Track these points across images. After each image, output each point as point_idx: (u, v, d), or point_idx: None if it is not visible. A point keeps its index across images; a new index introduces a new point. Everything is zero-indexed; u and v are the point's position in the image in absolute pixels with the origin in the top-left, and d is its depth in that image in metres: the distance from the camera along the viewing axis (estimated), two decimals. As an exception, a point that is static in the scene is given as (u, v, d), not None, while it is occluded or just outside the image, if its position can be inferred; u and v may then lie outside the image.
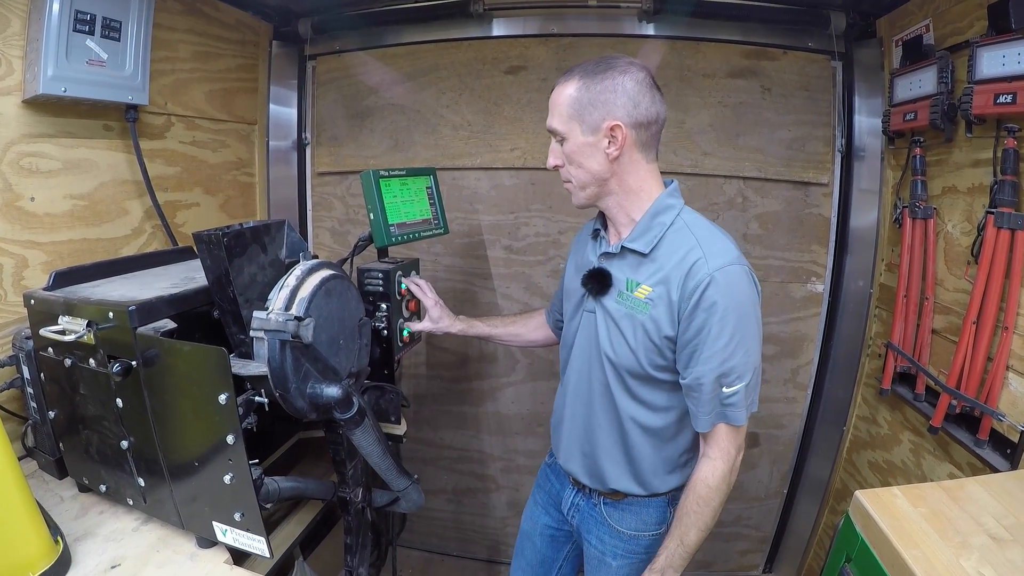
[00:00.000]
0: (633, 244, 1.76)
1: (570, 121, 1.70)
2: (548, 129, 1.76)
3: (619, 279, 1.79)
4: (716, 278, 1.61)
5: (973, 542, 1.44)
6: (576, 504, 2.11)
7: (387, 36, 3.28)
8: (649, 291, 1.71)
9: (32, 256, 2.14)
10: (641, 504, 1.96)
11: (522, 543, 2.36)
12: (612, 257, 1.82)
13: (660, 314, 1.69)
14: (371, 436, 1.88)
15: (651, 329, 1.71)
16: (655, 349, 1.72)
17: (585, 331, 1.91)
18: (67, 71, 2.09)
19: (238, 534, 1.59)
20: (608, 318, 1.80)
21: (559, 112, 1.71)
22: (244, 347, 1.63)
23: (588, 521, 2.07)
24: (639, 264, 1.76)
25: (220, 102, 3.05)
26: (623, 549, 1.99)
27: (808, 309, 3.23)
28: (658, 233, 1.74)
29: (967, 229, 2.34)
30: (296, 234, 1.81)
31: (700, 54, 3.04)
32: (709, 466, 1.77)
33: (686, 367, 1.71)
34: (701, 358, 1.66)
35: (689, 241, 1.70)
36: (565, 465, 2.07)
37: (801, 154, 3.06)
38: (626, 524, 1.98)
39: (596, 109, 1.67)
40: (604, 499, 2.01)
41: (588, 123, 1.68)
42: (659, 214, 1.76)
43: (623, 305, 1.77)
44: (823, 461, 3.36)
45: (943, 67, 2.34)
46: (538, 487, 2.33)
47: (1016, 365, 2.07)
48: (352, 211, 3.48)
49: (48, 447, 1.92)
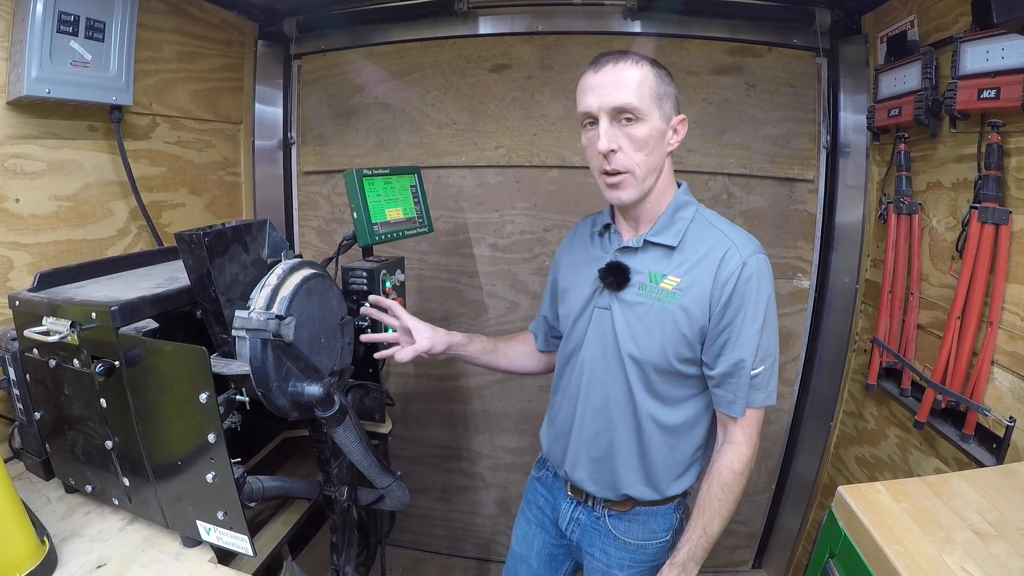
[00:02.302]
0: (658, 238, 1.76)
1: (652, 102, 1.64)
2: (615, 106, 1.62)
3: (640, 272, 1.77)
4: (749, 264, 1.65)
5: (956, 537, 1.43)
6: (576, 519, 2.04)
7: (372, 35, 3.28)
8: (677, 282, 1.71)
9: (17, 257, 2.13)
10: (649, 513, 1.93)
11: (515, 566, 2.26)
12: (632, 252, 1.80)
13: (691, 304, 1.69)
14: (353, 434, 1.88)
15: (681, 320, 1.70)
16: (684, 341, 1.71)
17: (598, 329, 1.85)
18: (51, 72, 2.08)
19: (221, 533, 1.59)
20: (629, 312, 1.77)
21: (640, 91, 1.62)
22: (227, 346, 1.63)
23: (591, 535, 2.01)
24: (664, 257, 1.76)
25: (205, 102, 3.04)
26: (629, 559, 1.96)
27: (794, 305, 3.24)
28: (682, 227, 1.75)
29: (952, 224, 2.35)
30: (278, 233, 1.80)
31: (685, 51, 3.04)
32: (734, 452, 1.77)
33: (719, 354, 1.71)
34: (739, 343, 1.68)
35: (714, 233, 1.73)
36: (571, 473, 1.97)
37: (786, 150, 3.07)
38: (632, 535, 1.94)
39: (668, 100, 1.69)
40: (609, 511, 1.95)
41: (665, 110, 1.67)
42: (680, 209, 1.78)
43: (647, 297, 1.74)
44: (810, 457, 3.37)
45: (927, 63, 2.35)
46: (528, 503, 2.25)
47: (1001, 360, 2.08)
48: (338, 210, 3.48)
49: (35, 448, 1.91)
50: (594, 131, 1.68)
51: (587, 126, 1.72)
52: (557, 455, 2.04)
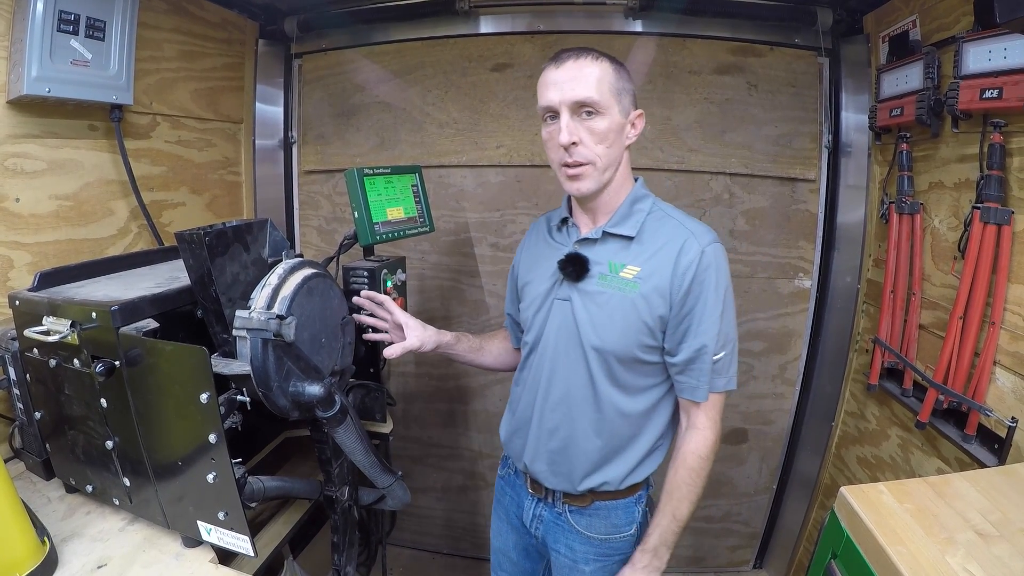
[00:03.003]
0: (617, 229, 1.81)
1: (611, 97, 1.69)
2: (577, 100, 1.66)
3: (599, 262, 1.81)
4: (707, 252, 1.70)
5: (959, 538, 1.43)
6: (539, 515, 2.07)
7: (373, 34, 3.28)
8: (637, 271, 1.75)
9: (17, 257, 2.14)
10: (610, 507, 1.95)
11: (499, 560, 2.31)
12: (591, 243, 1.84)
13: (651, 292, 1.72)
14: (353, 434, 1.88)
15: (642, 308, 1.73)
16: (645, 329, 1.74)
17: (558, 320, 1.87)
18: (51, 71, 2.08)
19: (222, 533, 1.59)
20: (589, 302, 1.80)
21: (600, 86, 1.66)
22: (227, 346, 1.62)
23: (554, 531, 2.04)
24: (623, 247, 1.80)
25: (206, 101, 3.04)
26: (595, 553, 1.98)
27: (796, 305, 3.23)
28: (640, 218, 1.81)
29: (954, 224, 2.34)
30: (279, 233, 1.80)
31: (687, 50, 3.04)
32: (699, 437, 1.81)
33: (681, 341, 1.75)
34: (700, 329, 1.72)
35: (671, 223, 1.79)
36: (530, 466, 2.00)
37: (788, 150, 3.06)
38: (595, 529, 1.96)
39: (626, 95, 1.74)
40: (569, 506, 1.98)
41: (623, 105, 1.72)
42: (637, 201, 1.84)
43: (608, 287, 1.77)
44: (812, 457, 3.37)
45: (929, 63, 2.35)
46: (497, 502, 2.28)
47: (1003, 360, 2.07)
48: (339, 209, 3.48)
49: (35, 448, 1.91)
50: (555, 125, 1.73)
51: (547, 120, 1.76)
52: (516, 448, 2.08)
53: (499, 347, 2.32)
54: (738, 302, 3.13)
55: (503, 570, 2.29)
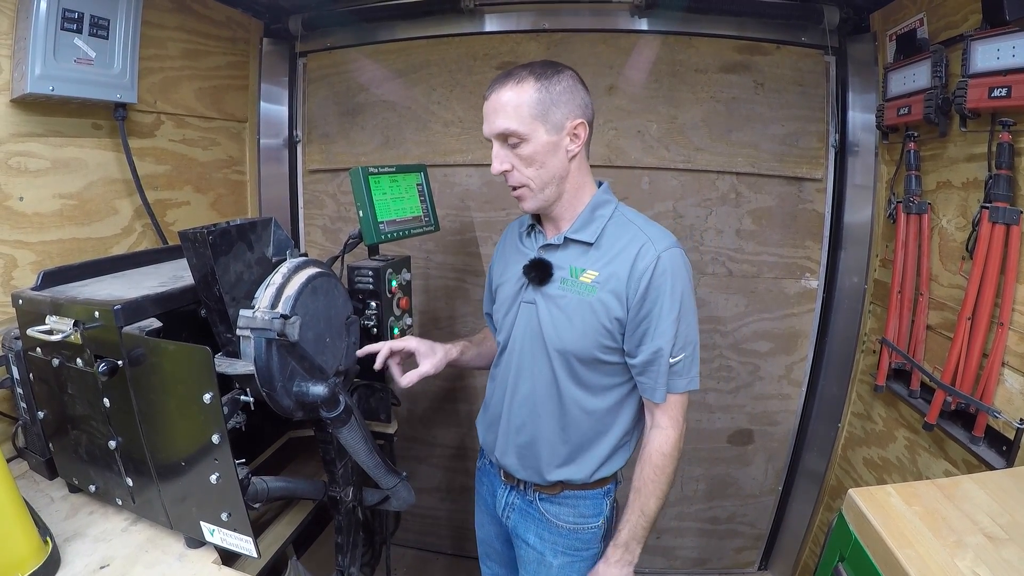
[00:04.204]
0: (577, 235, 1.86)
1: (533, 122, 1.72)
2: (497, 133, 1.76)
3: (562, 267, 1.86)
4: (663, 258, 1.74)
5: (968, 541, 1.43)
6: (511, 503, 2.13)
7: (378, 32, 3.27)
8: (596, 275, 1.80)
9: (21, 256, 2.13)
10: (578, 497, 2.01)
11: (485, 550, 2.39)
12: (554, 248, 1.89)
13: (608, 296, 1.78)
14: (358, 435, 1.87)
15: (600, 311, 1.78)
16: (604, 331, 1.80)
17: (524, 322, 1.94)
18: (55, 70, 2.08)
19: (225, 534, 1.58)
20: (552, 305, 1.85)
21: (518, 114, 1.71)
22: (231, 346, 1.62)
23: (525, 520, 2.09)
24: (583, 252, 1.85)
25: (210, 100, 3.04)
26: (563, 545, 2.03)
27: (802, 305, 3.22)
28: (600, 225, 1.85)
29: (962, 224, 2.33)
30: (283, 232, 1.79)
31: (692, 49, 3.03)
32: (662, 435, 1.87)
33: (639, 344, 1.80)
34: (657, 332, 1.77)
35: (630, 229, 1.83)
36: (501, 460, 2.07)
37: (794, 149, 3.05)
38: (563, 518, 2.02)
39: (559, 108, 1.74)
40: (540, 494, 2.04)
41: (552, 122, 1.74)
42: (598, 207, 1.88)
43: (568, 290, 1.83)
44: (818, 458, 3.35)
45: (937, 61, 2.33)
46: (478, 494, 2.36)
47: (1012, 361, 2.06)
48: (344, 208, 3.47)
49: (38, 447, 1.91)
50: None
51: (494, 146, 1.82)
52: (490, 442, 2.15)
53: (488, 348, 2.34)
54: (744, 302, 3.15)
55: (490, 559, 2.38)
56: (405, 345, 2.05)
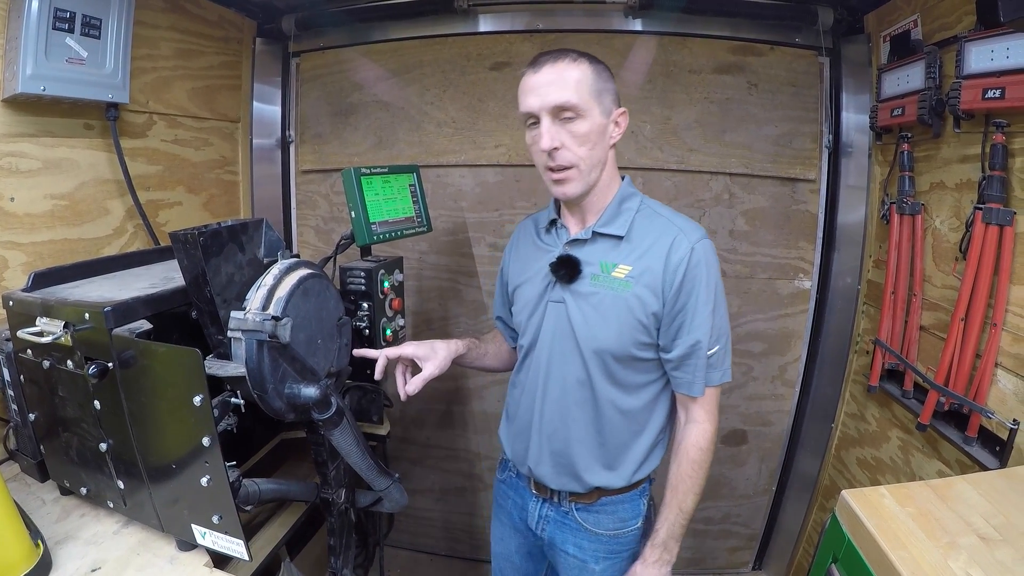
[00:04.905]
0: (606, 228, 1.82)
1: (591, 99, 1.68)
2: (555, 105, 1.66)
3: (591, 263, 1.81)
4: (697, 249, 1.72)
5: (961, 542, 1.42)
6: (545, 516, 2.06)
7: (372, 32, 3.27)
8: (629, 269, 1.76)
9: (12, 257, 2.12)
10: (616, 502, 1.96)
11: (500, 565, 2.31)
12: (581, 243, 1.85)
13: (644, 291, 1.74)
14: (350, 436, 1.86)
15: (636, 306, 1.74)
16: (640, 327, 1.76)
17: (553, 322, 1.88)
18: (46, 69, 2.07)
19: (217, 537, 1.57)
20: (583, 303, 1.80)
21: (578, 89, 1.66)
22: (222, 347, 1.61)
23: (562, 531, 2.03)
24: (614, 247, 1.81)
25: (203, 100, 3.03)
26: (604, 551, 1.98)
27: (796, 306, 3.22)
28: (628, 217, 1.82)
29: (955, 225, 2.33)
30: (274, 233, 1.78)
31: (686, 50, 3.03)
32: (699, 430, 1.84)
33: (675, 337, 1.77)
34: (694, 325, 1.74)
35: (660, 221, 1.81)
36: (535, 470, 1.99)
37: (788, 150, 3.05)
38: (603, 525, 1.97)
39: (607, 95, 1.73)
40: (576, 504, 1.98)
41: (604, 105, 1.71)
42: (625, 200, 1.85)
43: (600, 287, 1.78)
44: (812, 458, 3.36)
45: (931, 62, 2.33)
46: (498, 507, 2.28)
47: (1005, 362, 2.06)
48: (337, 209, 3.47)
49: (30, 450, 1.90)
50: (537, 130, 1.71)
51: (530, 126, 1.76)
52: (519, 452, 2.06)
53: (497, 348, 2.30)
54: (737, 303, 3.15)
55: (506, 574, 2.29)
56: (401, 353, 1.94)
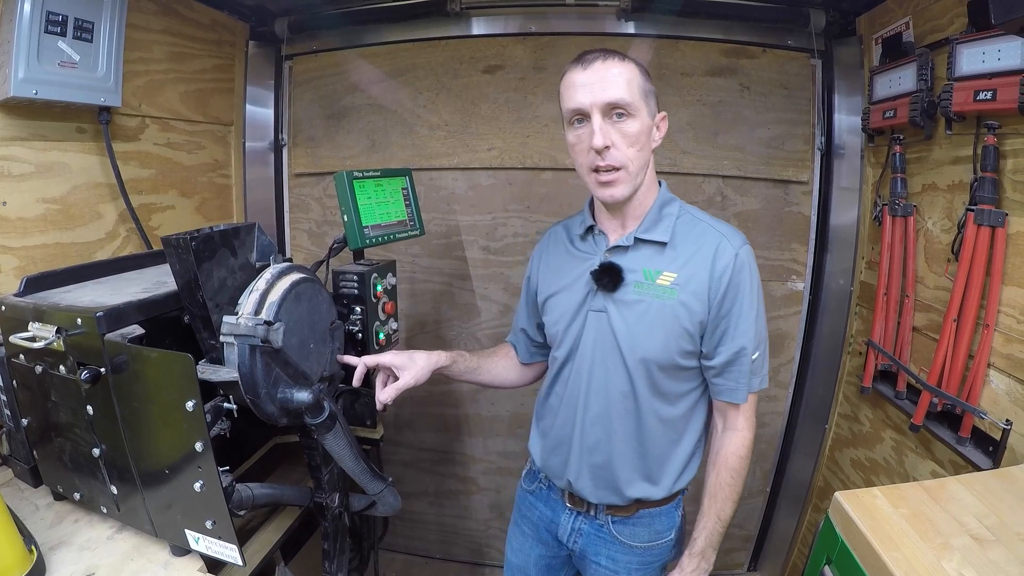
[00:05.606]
0: (649, 235, 1.78)
1: (641, 100, 1.65)
2: (609, 102, 1.61)
3: (633, 270, 1.77)
4: (741, 255, 1.72)
5: (955, 543, 1.42)
6: (578, 529, 2.02)
7: (365, 35, 3.26)
8: (674, 276, 1.73)
9: (4, 261, 2.12)
10: (653, 515, 1.95)
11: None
12: (623, 250, 1.81)
13: (690, 298, 1.71)
14: (343, 441, 1.86)
15: (682, 314, 1.72)
16: (686, 335, 1.73)
17: (595, 332, 1.83)
18: (38, 73, 2.07)
19: (210, 542, 1.57)
20: (627, 311, 1.77)
21: (631, 88, 1.63)
22: (215, 352, 1.60)
23: (595, 543, 2.00)
24: (657, 253, 1.78)
25: (195, 103, 3.03)
26: (637, 563, 1.97)
27: (789, 307, 3.23)
28: (670, 223, 1.79)
29: (947, 226, 2.34)
30: (267, 237, 1.78)
31: (679, 52, 3.03)
32: (738, 438, 1.83)
33: (718, 344, 1.76)
34: (738, 331, 1.73)
35: (700, 226, 1.79)
36: (574, 484, 1.94)
37: (781, 152, 3.06)
38: (639, 538, 1.95)
39: (652, 97, 1.72)
40: (612, 517, 1.95)
41: (650, 107, 1.70)
42: (665, 205, 1.82)
43: (645, 295, 1.75)
44: (806, 459, 3.36)
45: (923, 64, 2.34)
46: (522, 517, 2.22)
47: (997, 362, 2.07)
48: (329, 212, 3.46)
49: (23, 455, 1.89)
50: (584, 128, 1.68)
51: (575, 123, 1.71)
52: (556, 466, 2.01)
53: (500, 365, 2.26)
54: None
55: None
56: (379, 361, 1.93)
